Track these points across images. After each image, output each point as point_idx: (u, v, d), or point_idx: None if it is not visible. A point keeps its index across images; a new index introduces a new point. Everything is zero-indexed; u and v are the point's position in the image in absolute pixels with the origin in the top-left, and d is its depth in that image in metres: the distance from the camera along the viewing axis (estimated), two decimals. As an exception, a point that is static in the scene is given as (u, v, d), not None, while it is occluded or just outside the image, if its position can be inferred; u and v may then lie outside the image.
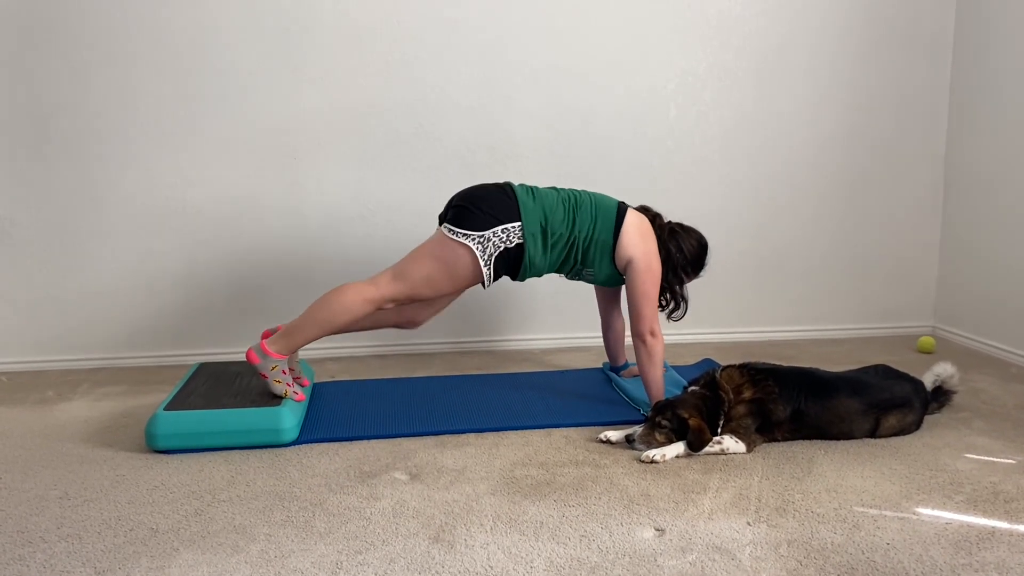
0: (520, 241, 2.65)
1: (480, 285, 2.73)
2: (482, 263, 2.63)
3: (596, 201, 2.77)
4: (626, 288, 2.78)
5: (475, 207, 2.65)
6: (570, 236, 2.71)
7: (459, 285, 2.72)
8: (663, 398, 2.68)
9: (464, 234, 2.62)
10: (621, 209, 2.77)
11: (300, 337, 2.66)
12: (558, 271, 2.84)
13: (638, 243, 2.73)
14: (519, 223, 2.64)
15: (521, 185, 2.76)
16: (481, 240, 2.62)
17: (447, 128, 3.57)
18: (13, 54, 3.30)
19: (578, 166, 3.64)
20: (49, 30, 3.30)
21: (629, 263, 2.73)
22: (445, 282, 2.69)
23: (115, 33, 3.33)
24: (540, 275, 2.80)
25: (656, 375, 2.74)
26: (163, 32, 3.36)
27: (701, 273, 2.96)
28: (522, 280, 2.79)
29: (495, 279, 2.70)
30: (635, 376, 3.06)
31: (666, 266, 2.81)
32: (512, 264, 2.70)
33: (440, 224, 2.73)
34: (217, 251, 3.53)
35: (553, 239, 2.70)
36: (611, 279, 2.84)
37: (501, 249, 2.64)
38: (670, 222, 2.91)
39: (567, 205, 2.73)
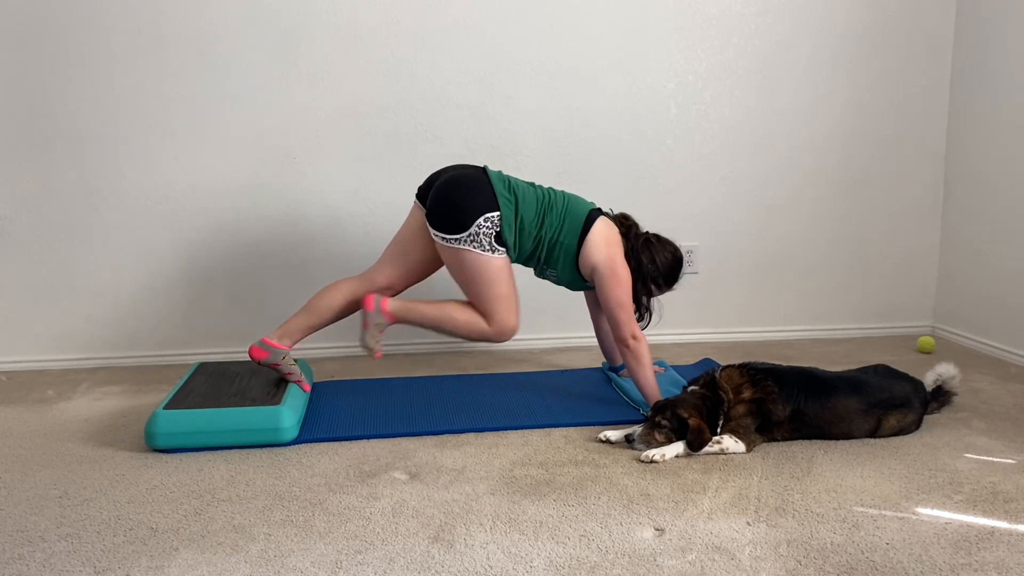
0: (499, 229, 2.69)
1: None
2: (488, 251, 2.66)
3: (568, 204, 2.79)
4: (599, 297, 2.80)
5: (454, 207, 2.68)
6: (537, 235, 2.75)
7: (505, 273, 2.72)
8: (658, 397, 2.69)
9: (455, 239, 2.66)
10: (591, 216, 2.78)
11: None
12: (524, 264, 2.88)
13: (602, 250, 2.74)
14: (498, 213, 2.67)
15: (498, 173, 2.77)
16: (471, 237, 2.65)
17: (447, 127, 3.57)
18: (12, 53, 3.30)
19: (578, 165, 3.64)
20: (48, 29, 3.29)
21: (594, 270, 2.75)
22: (501, 283, 2.71)
23: (115, 32, 3.33)
24: (512, 262, 2.84)
25: (647, 376, 2.74)
26: (162, 31, 3.36)
27: (675, 287, 2.96)
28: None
29: (509, 251, 2.73)
30: None
31: (636, 276, 2.81)
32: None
33: (416, 198, 2.84)
34: (217, 250, 3.53)
35: (523, 235, 2.73)
36: (573, 283, 2.88)
37: (494, 233, 2.67)
38: (646, 232, 2.91)
39: (539, 204, 2.75)
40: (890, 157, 3.89)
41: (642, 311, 2.90)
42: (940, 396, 2.81)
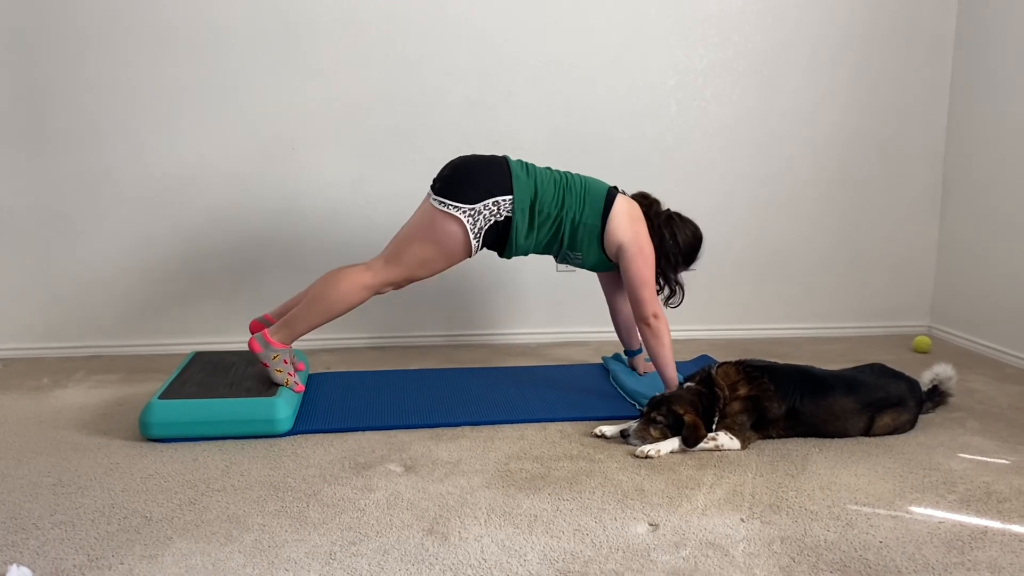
0: (509, 215, 2.65)
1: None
2: (472, 236, 2.64)
3: (587, 185, 2.77)
4: (622, 274, 2.78)
5: (467, 178, 2.65)
6: (557, 216, 2.71)
7: (452, 260, 2.71)
8: (676, 377, 2.70)
9: (455, 206, 2.61)
10: (611, 194, 2.76)
11: (301, 326, 2.68)
12: (545, 251, 2.84)
13: (627, 227, 2.73)
14: (510, 196, 2.64)
15: (518, 160, 2.76)
16: (472, 213, 2.61)
17: (447, 122, 3.56)
18: (11, 41, 3.28)
19: (578, 162, 3.59)
20: (47, 18, 3.28)
21: (619, 248, 2.73)
22: (439, 261, 2.69)
23: (114, 22, 3.32)
24: (526, 254, 2.81)
25: (666, 356, 2.74)
26: (163, 21, 3.34)
27: (692, 266, 2.95)
28: (508, 257, 2.80)
29: (481, 248, 2.72)
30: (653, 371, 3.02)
31: (659, 252, 2.80)
32: (500, 238, 2.71)
33: (431, 190, 2.72)
34: (214, 240, 3.53)
35: (541, 218, 2.70)
36: (600, 264, 2.84)
37: (491, 223, 2.65)
38: (668, 210, 2.90)
39: (558, 185, 2.72)
40: (889, 157, 3.90)
41: (672, 286, 2.89)
42: (936, 396, 2.81)
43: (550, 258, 2.94)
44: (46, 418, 2.72)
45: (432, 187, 2.76)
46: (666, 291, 2.90)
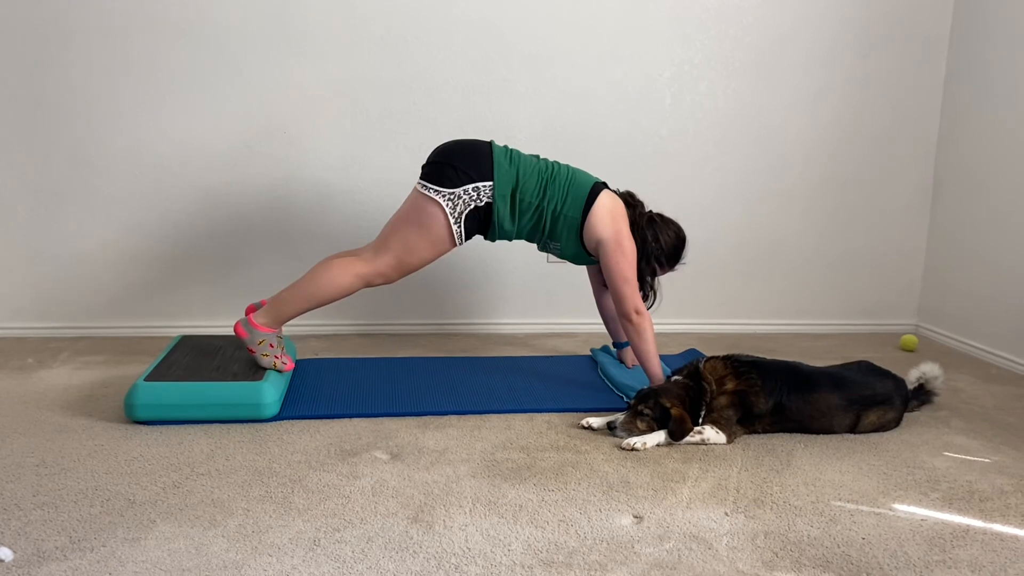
0: (489, 201, 2.66)
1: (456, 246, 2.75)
2: (452, 220, 2.64)
3: (572, 177, 2.77)
4: (603, 270, 2.79)
5: (450, 163, 2.67)
6: (539, 207, 2.72)
7: (439, 248, 2.71)
8: (661, 372, 2.70)
9: (436, 190, 2.64)
10: (595, 189, 2.76)
11: (287, 310, 2.67)
12: (528, 239, 2.85)
13: (607, 224, 2.73)
14: (491, 183, 2.65)
15: (504, 146, 2.76)
16: (451, 197, 2.63)
17: (441, 108, 3.54)
18: (3, 21, 3.24)
19: (572, 152, 3.59)
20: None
21: (599, 244, 2.74)
22: (425, 246, 2.68)
23: (108, 2, 3.29)
24: (510, 239, 2.82)
25: (649, 351, 2.74)
26: (157, 2, 3.31)
27: (676, 267, 2.95)
28: (492, 240, 2.82)
29: (467, 237, 2.72)
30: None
31: (640, 254, 2.80)
32: (483, 223, 2.72)
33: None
34: (203, 223, 3.50)
35: (522, 206, 2.71)
36: (578, 256, 2.85)
37: (471, 207, 2.65)
38: (650, 211, 2.90)
39: (542, 175, 2.73)
40: (882, 155, 3.90)
41: (646, 290, 2.88)
42: (921, 395, 2.83)
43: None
44: (30, 398, 2.70)
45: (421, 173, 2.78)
46: (640, 294, 2.89)
